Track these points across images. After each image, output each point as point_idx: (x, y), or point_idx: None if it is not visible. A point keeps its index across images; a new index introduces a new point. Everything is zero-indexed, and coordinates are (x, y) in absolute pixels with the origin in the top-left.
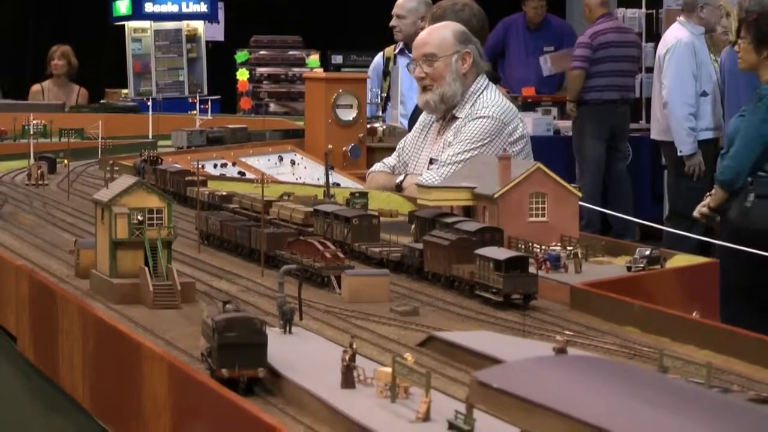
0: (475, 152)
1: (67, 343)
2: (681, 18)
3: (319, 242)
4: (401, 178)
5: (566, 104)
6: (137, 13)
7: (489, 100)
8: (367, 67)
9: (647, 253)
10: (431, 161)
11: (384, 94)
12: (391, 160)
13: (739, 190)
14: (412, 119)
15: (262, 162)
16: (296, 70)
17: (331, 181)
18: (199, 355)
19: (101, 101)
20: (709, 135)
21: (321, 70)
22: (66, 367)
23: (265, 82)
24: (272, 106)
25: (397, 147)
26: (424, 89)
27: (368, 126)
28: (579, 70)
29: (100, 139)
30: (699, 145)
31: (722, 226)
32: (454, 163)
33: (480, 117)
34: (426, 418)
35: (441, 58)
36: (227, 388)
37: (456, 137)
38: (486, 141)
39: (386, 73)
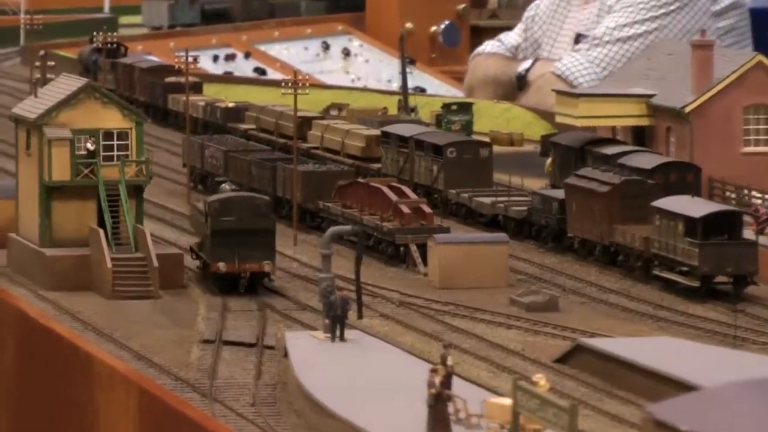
0: (653, 26)
1: None
2: None
3: (391, 187)
4: (527, 64)
5: None
6: None
7: None
8: None
9: None
10: (578, 38)
11: None
12: (513, 37)
13: None
14: None
15: (296, 52)
16: None
17: (410, 84)
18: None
19: None
20: None
21: None
22: None
23: None
24: None
25: (524, 16)
26: None
27: None
28: None
29: (22, 14)
30: None
31: None
32: (616, 41)
33: None
34: None
35: None
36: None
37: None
38: (671, 8)
39: None
